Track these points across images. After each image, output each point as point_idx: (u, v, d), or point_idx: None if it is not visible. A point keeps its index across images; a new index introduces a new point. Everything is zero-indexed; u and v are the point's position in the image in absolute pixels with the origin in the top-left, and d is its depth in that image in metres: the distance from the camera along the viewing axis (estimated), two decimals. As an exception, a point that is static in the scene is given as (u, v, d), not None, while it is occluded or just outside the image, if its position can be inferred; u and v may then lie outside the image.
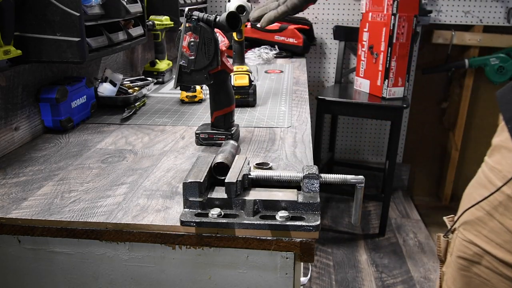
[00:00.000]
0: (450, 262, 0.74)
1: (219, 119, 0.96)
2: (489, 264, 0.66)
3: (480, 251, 0.67)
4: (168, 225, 0.64)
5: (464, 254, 0.70)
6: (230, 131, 0.96)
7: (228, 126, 0.96)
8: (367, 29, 2.26)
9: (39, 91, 1.02)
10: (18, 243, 0.67)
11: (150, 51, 1.86)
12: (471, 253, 0.68)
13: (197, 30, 0.86)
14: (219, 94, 0.93)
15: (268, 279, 0.65)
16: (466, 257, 0.69)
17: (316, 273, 2.09)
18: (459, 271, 0.71)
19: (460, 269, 0.70)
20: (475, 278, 0.68)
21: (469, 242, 0.69)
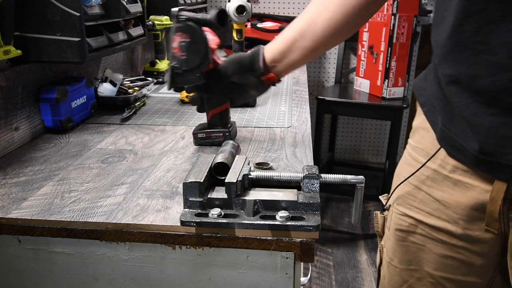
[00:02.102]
0: (388, 235, 0.81)
1: (215, 117, 0.96)
2: (423, 232, 0.73)
3: (414, 222, 0.74)
4: (168, 225, 0.64)
5: (400, 226, 0.77)
6: (227, 127, 0.96)
7: (225, 123, 0.96)
8: (367, 29, 2.26)
9: (39, 91, 1.02)
10: (18, 243, 0.67)
11: (150, 51, 1.86)
12: (406, 224, 0.75)
13: (186, 30, 0.85)
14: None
15: (268, 279, 0.65)
16: (403, 229, 0.76)
17: (316, 273, 2.09)
18: (397, 242, 0.78)
19: (398, 240, 0.77)
20: (412, 246, 0.75)
21: (403, 215, 0.76)
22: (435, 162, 0.70)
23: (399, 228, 0.77)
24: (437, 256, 0.72)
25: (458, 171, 0.67)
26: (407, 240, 0.76)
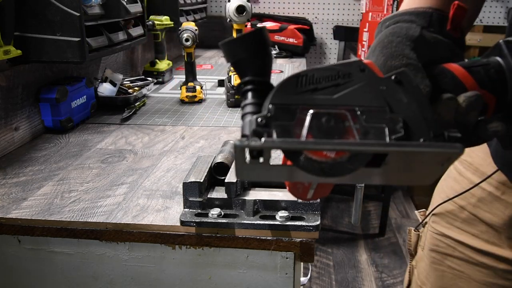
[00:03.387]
0: (422, 256, 0.74)
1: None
2: (462, 255, 0.67)
3: (453, 243, 0.68)
4: (168, 225, 0.64)
5: (436, 247, 0.70)
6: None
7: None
8: (367, 29, 2.26)
9: (39, 91, 1.02)
10: (18, 243, 0.67)
11: (150, 51, 1.86)
12: (444, 245, 0.69)
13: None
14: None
15: (268, 279, 0.65)
16: (439, 250, 0.70)
17: (316, 273, 2.09)
18: (431, 265, 0.71)
19: (432, 262, 0.71)
20: (448, 271, 0.69)
21: (441, 234, 0.70)
22: (487, 182, 0.64)
23: (435, 249, 0.70)
24: (478, 285, 0.65)
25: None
26: (443, 264, 0.69)
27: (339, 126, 0.34)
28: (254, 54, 0.36)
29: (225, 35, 2.72)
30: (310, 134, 0.34)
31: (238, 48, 0.36)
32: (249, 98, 0.36)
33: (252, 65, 0.36)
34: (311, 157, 0.34)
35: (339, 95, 0.35)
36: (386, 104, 0.35)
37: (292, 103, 0.35)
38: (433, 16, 0.44)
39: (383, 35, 0.43)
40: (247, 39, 0.36)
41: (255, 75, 0.36)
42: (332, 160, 0.34)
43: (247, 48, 0.36)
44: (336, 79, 0.36)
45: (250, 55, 0.36)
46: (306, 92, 0.35)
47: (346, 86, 0.35)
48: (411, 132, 0.34)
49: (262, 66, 0.37)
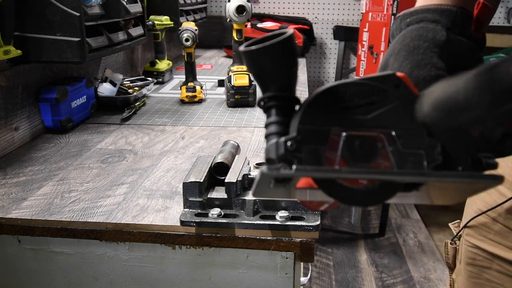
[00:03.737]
0: (460, 269, 0.72)
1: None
2: (500, 268, 0.64)
3: (489, 256, 0.65)
4: (168, 225, 0.64)
5: (472, 260, 0.68)
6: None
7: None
8: (367, 29, 2.26)
9: (39, 91, 1.02)
10: (18, 243, 0.67)
11: (150, 51, 1.86)
12: (480, 258, 0.67)
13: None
14: None
15: (268, 279, 0.65)
16: (475, 264, 0.68)
17: (316, 273, 2.09)
18: (469, 279, 0.69)
19: (470, 276, 0.69)
20: (487, 285, 0.66)
21: (476, 247, 0.67)
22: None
23: (471, 262, 0.68)
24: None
25: None
26: (481, 277, 0.67)
27: (374, 150, 0.31)
28: (281, 65, 0.31)
29: (225, 35, 2.72)
30: (342, 158, 0.31)
31: (263, 57, 0.31)
32: (273, 116, 0.32)
33: (277, 78, 0.32)
34: (342, 183, 0.31)
35: (374, 115, 0.31)
36: (423, 126, 0.31)
37: (323, 124, 0.31)
38: (458, 16, 0.40)
39: (407, 36, 0.39)
40: (274, 48, 0.30)
41: (279, 90, 0.32)
42: (364, 187, 0.31)
43: (273, 59, 0.31)
44: (370, 96, 0.32)
45: (276, 67, 0.31)
46: (339, 111, 0.31)
47: (381, 104, 0.31)
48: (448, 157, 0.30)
49: (288, 79, 0.32)
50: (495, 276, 0.65)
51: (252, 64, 0.32)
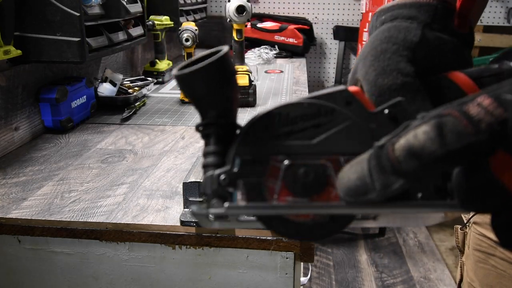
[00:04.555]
0: (468, 254, 0.74)
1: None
2: (503, 255, 0.66)
3: (493, 243, 0.68)
4: (168, 225, 0.64)
5: (479, 247, 0.71)
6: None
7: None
8: (367, 29, 2.26)
9: (39, 91, 1.02)
10: (18, 243, 0.67)
11: (150, 51, 1.86)
12: (486, 245, 0.69)
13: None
14: None
15: (268, 279, 0.65)
16: (482, 250, 0.70)
17: (316, 273, 2.09)
18: (477, 263, 0.72)
19: (477, 261, 0.71)
20: (492, 270, 0.69)
21: (482, 235, 0.70)
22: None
23: (478, 248, 0.70)
24: None
25: None
26: (487, 263, 0.69)
27: (320, 179, 0.28)
28: (215, 89, 0.28)
29: (225, 35, 2.72)
30: (285, 189, 0.28)
31: (196, 82, 0.28)
32: (211, 144, 0.29)
33: (213, 103, 0.29)
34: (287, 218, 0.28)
35: (319, 140, 0.28)
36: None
37: (262, 153, 0.28)
38: (438, 9, 0.35)
39: (377, 38, 0.35)
40: (205, 71, 0.27)
41: (217, 116, 0.29)
42: (311, 221, 0.28)
43: (206, 83, 0.28)
44: (316, 117, 0.28)
45: (210, 91, 0.28)
46: (280, 137, 0.28)
47: (328, 126, 0.28)
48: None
49: (226, 103, 0.29)
50: (499, 263, 0.67)
51: (185, 89, 0.29)
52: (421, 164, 0.22)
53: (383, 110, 0.29)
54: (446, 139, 0.22)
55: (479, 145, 0.22)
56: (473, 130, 0.21)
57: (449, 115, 0.22)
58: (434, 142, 0.22)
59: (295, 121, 0.28)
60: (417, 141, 0.22)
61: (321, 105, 0.29)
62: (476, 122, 0.21)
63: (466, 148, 0.22)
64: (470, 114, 0.22)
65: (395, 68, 0.33)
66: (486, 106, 0.22)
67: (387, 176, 0.24)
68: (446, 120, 0.22)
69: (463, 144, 0.22)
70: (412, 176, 0.23)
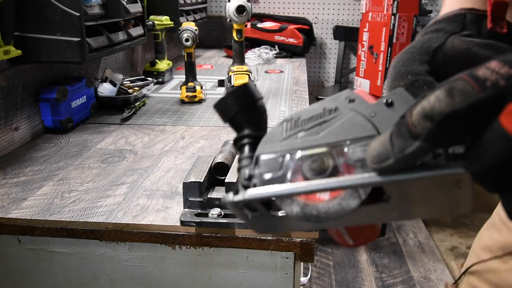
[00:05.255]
0: None
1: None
2: None
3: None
4: (168, 225, 0.64)
5: None
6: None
7: None
8: (367, 29, 2.26)
9: (39, 91, 1.02)
10: (18, 243, 0.67)
11: (150, 51, 1.86)
12: None
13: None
14: None
15: (268, 279, 0.65)
16: None
17: (316, 273, 2.09)
18: None
19: None
20: None
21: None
22: None
23: None
24: None
25: None
26: None
27: (328, 166, 0.31)
28: (246, 107, 0.35)
29: (225, 35, 2.72)
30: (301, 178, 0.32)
31: (230, 103, 0.35)
32: (245, 152, 0.35)
33: (246, 119, 0.36)
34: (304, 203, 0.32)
35: (324, 133, 0.32)
36: (376, 132, 0.31)
37: (277, 151, 0.33)
38: (467, 18, 0.38)
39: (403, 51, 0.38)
40: (236, 92, 0.35)
41: (250, 130, 0.35)
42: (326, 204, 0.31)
43: (238, 101, 0.35)
44: (321, 116, 0.33)
45: (242, 109, 0.35)
46: (292, 137, 0.33)
47: (332, 121, 0.33)
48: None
49: (256, 119, 0.36)
50: None
51: (223, 112, 0.36)
52: (433, 124, 0.24)
53: (382, 100, 0.32)
54: (455, 99, 0.23)
55: (485, 102, 0.23)
56: (480, 88, 0.23)
57: (460, 79, 0.24)
58: (443, 102, 0.23)
59: (304, 123, 0.33)
60: (428, 103, 0.24)
61: (326, 105, 0.33)
62: (483, 81, 0.23)
63: (473, 105, 0.23)
64: (478, 75, 0.23)
65: (406, 71, 0.35)
66: (493, 68, 0.23)
67: (405, 140, 0.25)
68: (456, 84, 0.24)
69: (470, 102, 0.23)
70: (426, 138, 0.24)
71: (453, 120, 0.23)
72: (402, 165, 0.26)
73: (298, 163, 0.32)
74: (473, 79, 0.23)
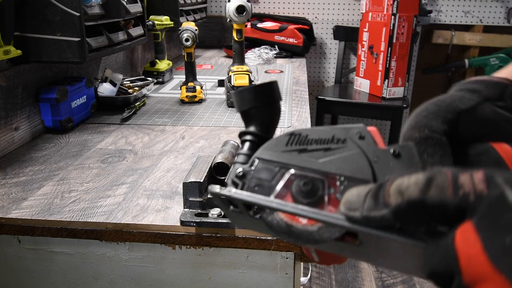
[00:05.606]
0: None
1: None
2: None
3: None
4: (168, 225, 0.64)
5: None
6: None
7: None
8: (367, 29, 2.26)
9: (39, 91, 1.02)
10: (18, 243, 0.67)
11: (150, 51, 1.86)
12: None
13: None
14: None
15: (268, 279, 0.65)
16: None
17: (316, 273, 2.09)
18: None
19: None
20: None
21: None
22: None
23: None
24: None
25: None
26: None
27: (316, 192, 0.32)
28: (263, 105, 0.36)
29: (225, 35, 2.72)
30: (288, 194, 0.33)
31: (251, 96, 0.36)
32: (245, 149, 0.36)
33: (258, 117, 0.36)
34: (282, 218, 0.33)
35: (325, 160, 0.33)
36: (372, 178, 0.32)
37: (275, 160, 0.34)
38: (508, 89, 0.36)
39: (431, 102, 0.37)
40: (260, 88, 0.35)
41: (259, 129, 0.36)
42: (302, 226, 0.32)
43: (259, 97, 0.36)
44: (328, 143, 0.34)
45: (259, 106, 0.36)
46: (293, 152, 0.34)
47: (336, 152, 0.33)
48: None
49: (268, 120, 0.36)
50: None
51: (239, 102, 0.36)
52: (402, 202, 0.25)
53: (390, 148, 0.32)
54: (429, 190, 0.24)
55: (450, 207, 0.24)
56: (452, 193, 0.24)
57: (443, 174, 0.24)
58: (418, 187, 0.25)
59: (310, 142, 0.34)
60: (408, 181, 0.25)
61: (336, 133, 0.34)
62: (459, 187, 0.24)
63: (440, 205, 0.24)
64: (459, 179, 0.24)
65: (425, 124, 0.35)
66: (475, 179, 0.23)
67: (376, 204, 0.27)
68: (437, 176, 0.24)
69: (439, 200, 0.24)
70: (393, 210, 0.26)
71: (419, 207, 0.24)
72: (364, 223, 0.28)
73: (291, 179, 0.33)
74: (453, 181, 0.24)
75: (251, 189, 0.33)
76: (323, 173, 0.32)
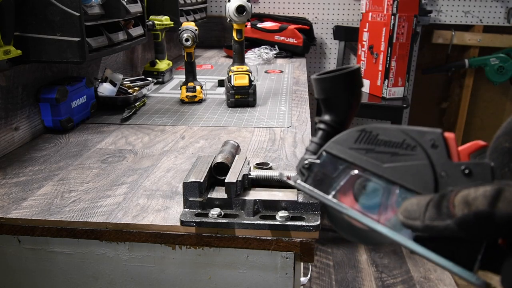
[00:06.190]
0: None
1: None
2: None
3: None
4: (168, 225, 0.64)
5: None
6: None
7: None
8: (367, 29, 2.26)
9: (39, 91, 1.02)
10: (18, 243, 0.67)
11: (150, 51, 1.86)
12: None
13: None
14: None
15: (268, 279, 0.65)
16: None
17: (316, 273, 2.08)
18: None
19: None
20: None
21: None
22: None
23: None
24: None
25: None
26: None
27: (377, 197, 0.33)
28: (342, 94, 0.36)
29: (225, 35, 2.72)
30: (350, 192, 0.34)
31: (330, 85, 0.36)
32: (317, 137, 0.37)
33: (336, 107, 0.37)
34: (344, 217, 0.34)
35: (389, 166, 0.32)
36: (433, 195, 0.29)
37: (342, 157, 0.34)
38: None
39: None
40: (340, 78, 0.35)
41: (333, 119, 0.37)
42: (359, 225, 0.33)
43: (337, 88, 0.36)
44: (397, 147, 0.32)
45: (338, 95, 0.36)
46: (361, 150, 0.33)
47: (403, 159, 0.32)
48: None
49: (345, 112, 0.37)
50: None
51: (320, 90, 0.36)
52: (469, 213, 0.24)
53: (462, 165, 0.30)
54: (497, 203, 0.23)
55: None
56: None
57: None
58: (485, 199, 0.24)
59: (379, 143, 0.33)
60: (475, 193, 0.24)
61: (407, 139, 0.32)
62: None
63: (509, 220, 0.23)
64: None
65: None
66: None
67: (439, 214, 0.26)
68: (507, 189, 0.23)
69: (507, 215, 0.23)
70: (458, 221, 0.25)
71: (486, 220, 0.24)
72: (425, 232, 0.27)
73: (354, 178, 0.34)
74: None
75: (315, 181, 0.35)
76: (385, 180, 0.32)
